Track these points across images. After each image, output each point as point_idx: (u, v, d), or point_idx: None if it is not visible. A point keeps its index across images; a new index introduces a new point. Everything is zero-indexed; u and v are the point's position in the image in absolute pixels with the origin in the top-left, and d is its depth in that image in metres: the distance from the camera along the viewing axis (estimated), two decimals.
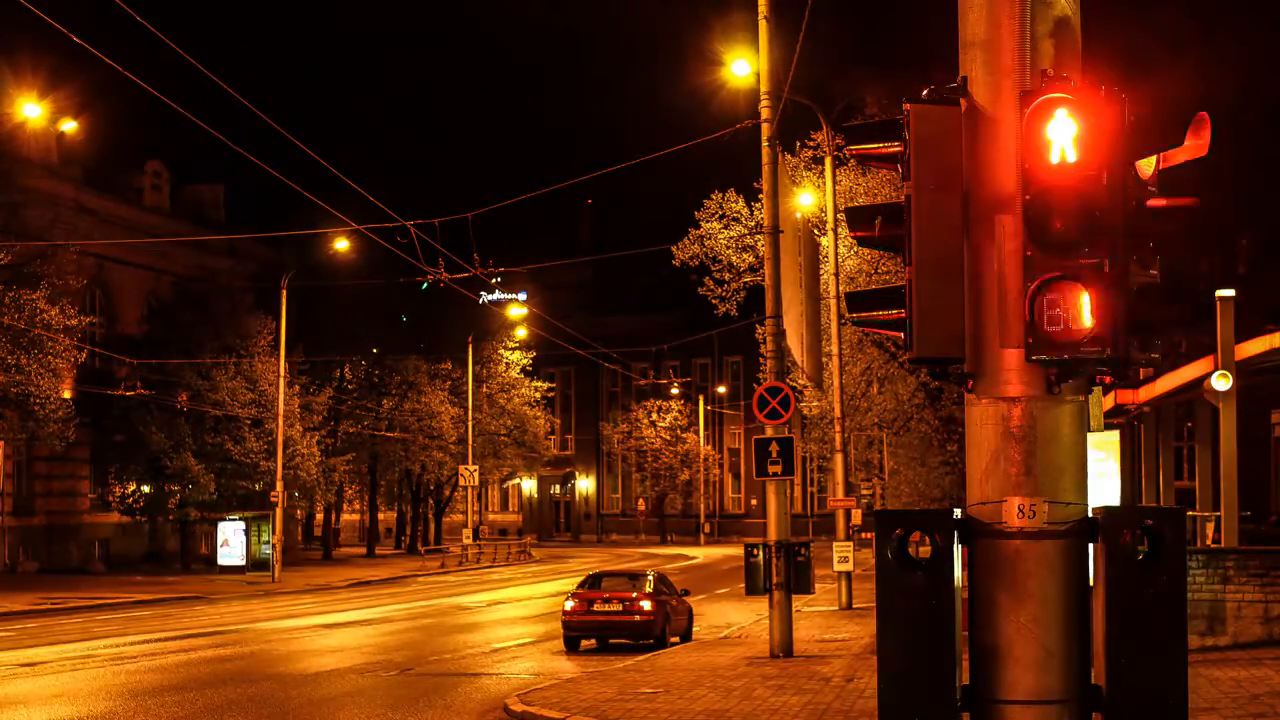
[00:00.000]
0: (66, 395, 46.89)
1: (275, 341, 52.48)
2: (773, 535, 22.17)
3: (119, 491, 55.44)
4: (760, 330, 34.05)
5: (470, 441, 66.29)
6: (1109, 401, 33.83)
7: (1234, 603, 19.93)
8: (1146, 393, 33.82)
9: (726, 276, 38.98)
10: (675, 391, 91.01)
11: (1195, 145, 7.51)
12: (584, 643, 25.58)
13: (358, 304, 62.26)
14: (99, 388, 49.80)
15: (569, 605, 25.44)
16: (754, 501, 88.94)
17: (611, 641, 25.75)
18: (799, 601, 25.17)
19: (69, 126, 50.64)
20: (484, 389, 72.94)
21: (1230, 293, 25.52)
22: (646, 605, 25.35)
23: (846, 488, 34.28)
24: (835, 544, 32.40)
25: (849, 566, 32.05)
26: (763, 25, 22.75)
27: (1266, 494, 38.79)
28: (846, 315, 24.72)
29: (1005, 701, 7.22)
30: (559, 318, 65.77)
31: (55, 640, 27.42)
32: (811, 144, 36.75)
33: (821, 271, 29.94)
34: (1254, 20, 32.71)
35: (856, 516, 35.38)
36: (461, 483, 66.35)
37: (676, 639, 26.36)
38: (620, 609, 25.32)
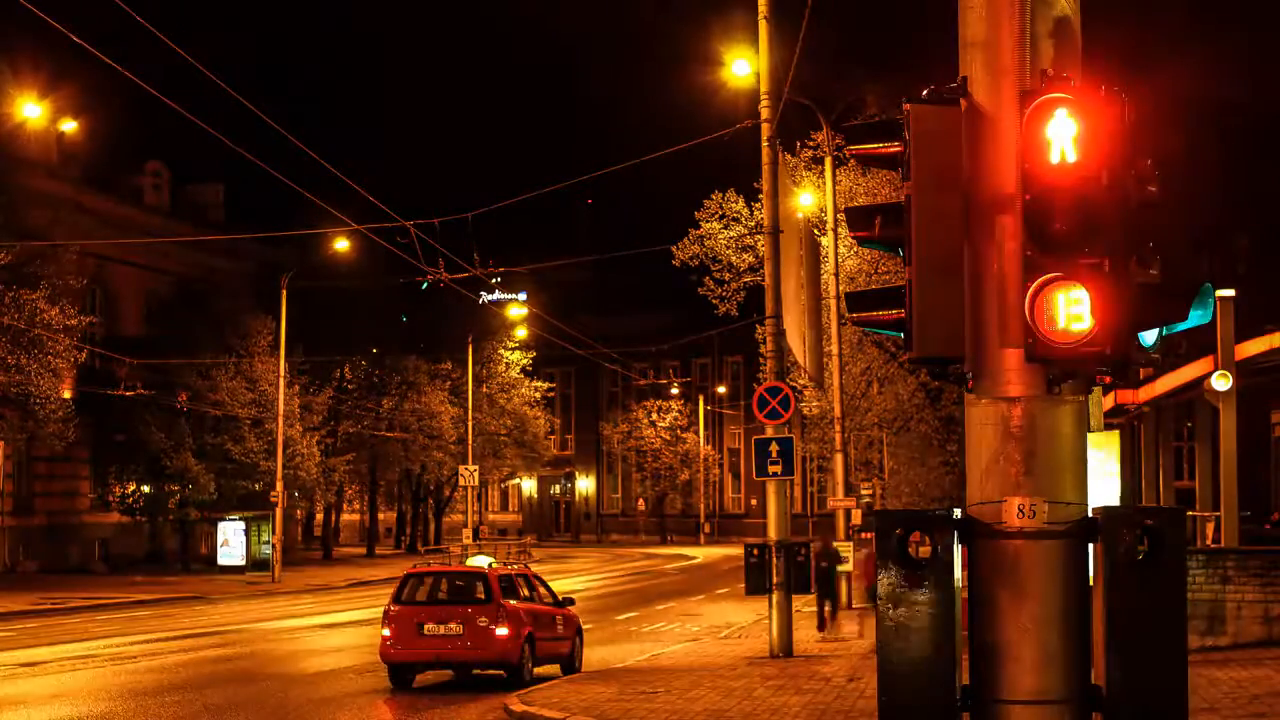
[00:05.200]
0: (66, 395, 46.87)
1: (275, 341, 52.46)
2: (773, 535, 22.17)
3: (119, 491, 55.41)
4: (760, 330, 34.04)
5: (470, 441, 66.29)
6: (1109, 401, 33.83)
7: (1234, 603, 19.93)
8: (1146, 393, 33.81)
9: (726, 276, 38.97)
10: (675, 391, 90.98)
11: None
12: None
13: (358, 304, 62.22)
14: (99, 388, 49.74)
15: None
16: (754, 501, 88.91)
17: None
18: (799, 601, 25.15)
19: (69, 126, 50.60)
20: (484, 389, 72.93)
21: (1230, 293, 25.51)
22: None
23: (846, 488, 34.27)
24: (835, 544, 32.36)
25: (849, 566, 32.05)
26: (763, 25, 22.75)
27: (1266, 494, 38.79)
28: (846, 315, 24.76)
29: (1005, 701, 7.22)
30: (559, 318, 65.74)
31: (55, 640, 27.41)
32: (811, 144, 36.74)
33: (821, 271, 29.94)
34: (1253, 20, 32.71)
35: (856, 516, 35.39)
36: (461, 483, 66.32)
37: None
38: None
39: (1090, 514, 7.33)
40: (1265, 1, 32.85)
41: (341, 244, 49.61)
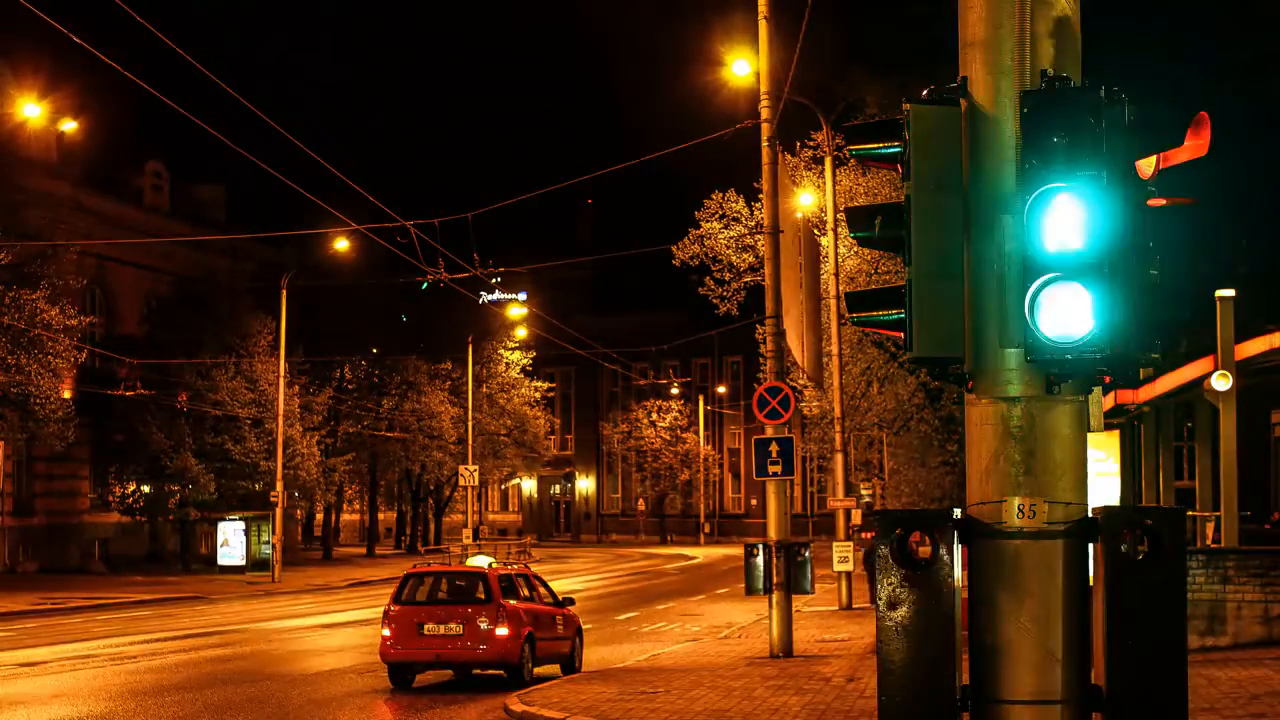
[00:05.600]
0: (66, 395, 46.86)
1: (275, 341, 52.46)
2: (773, 535, 22.17)
3: (119, 491, 55.41)
4: (760, 330, 34.05)
5: (470, 441, 66.29)
6: (1109, 401, 33.78)
7: (1234, 603, 19.93)
8: (1146, 393, 33.75)
9: (726, 276, 38.96)
10: (675, 391, 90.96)
11: (1195, 145, 7.52)
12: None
13: (358, 304, 62.23)
14: (99, 388, 49.76)
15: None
16: (754, 501, 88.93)
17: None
18: (799, 601, 25.15)
19: (69, 126, 50.57)
20: (484, 389, 72.91)
21: (1230, 293, 25.48)
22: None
23: (846, 488, 34.26)
24: (835, 544, 32.39)
25: (849, 566, 32.05)
26: (763, 25, 22.74)
27: (1266, 494, 38.77)
28: (846, 315, 24.73)
29: (1005, 701, 7.22)
30: (559, 318, 65.73)
31: (55, 640, 27.41)
32: (811, 144, 36.74)
33: (821, 271, 29.94)
34: (1254, 19, 32.72)
35: (856, 516, 35.39)
36: (461, 483, 66.31)
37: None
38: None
39: (1090, 514, 7.33)
40: (1265, 2, 32.87)
41: (341, 244, 49.61)
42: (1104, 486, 13.24)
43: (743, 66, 25.76)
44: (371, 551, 71.73)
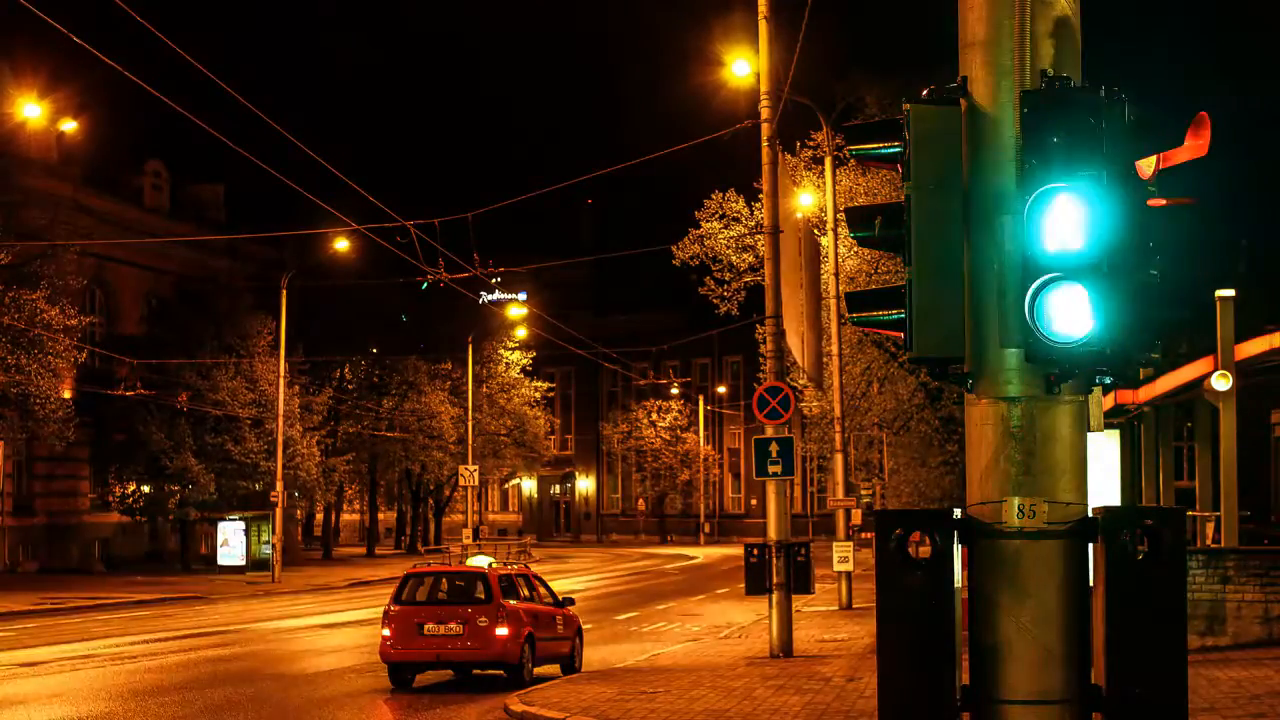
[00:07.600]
0: (66, 395, 46.85)
1: (275, 341, 52.46)
2: (773, 535, 22.17)
3: (119, 491, 55.40)
4: (760, 330, 34.04)
5: (470, 441, 66.26)
6: (1109, 401, 33.78)
7: (1234, 603, 19.92)
8: (1146, 393, 33.76)
9: (727, 276, 38.95)
10: (675, 391, 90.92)
11: (1195, 145, 7.51)
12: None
13: (358, 304, 62.21)
14: (99, 388, 49.75)
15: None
16: (754, 501, 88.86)
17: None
18: (799, 601, 25.15)
19: (69, 126, 50.54)
20: (484, 389, 72.91)
21: (1230, 293, 25.48)
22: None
23: (846, 488, 34.26)
24: (835, 544, 32.40)
25: (849, 566, 32.05)
26: (763, 25, 22.74)
27: (1266, 494, 38.76)
28: (846, 315, 24.70)
29: (1005, 701, 7.22)
30: (559, 318, 65.72)
31: (55, 640, 27.41)
32: (811, 144, 36.73)
33: (821, 271, 29.93)
34: (1254, 21, 32.74)
35: (856, 516, 35.36)
36: (461, 483, 66.26)
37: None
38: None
39: (1090, 514, 7.33)
40: (1265, 2, 32.89)
41: (341, 244, 49.58)
42: (1104, 486, 13.23)
43: (743, 66, 25.75)
44: (371, 551, 71.73)
